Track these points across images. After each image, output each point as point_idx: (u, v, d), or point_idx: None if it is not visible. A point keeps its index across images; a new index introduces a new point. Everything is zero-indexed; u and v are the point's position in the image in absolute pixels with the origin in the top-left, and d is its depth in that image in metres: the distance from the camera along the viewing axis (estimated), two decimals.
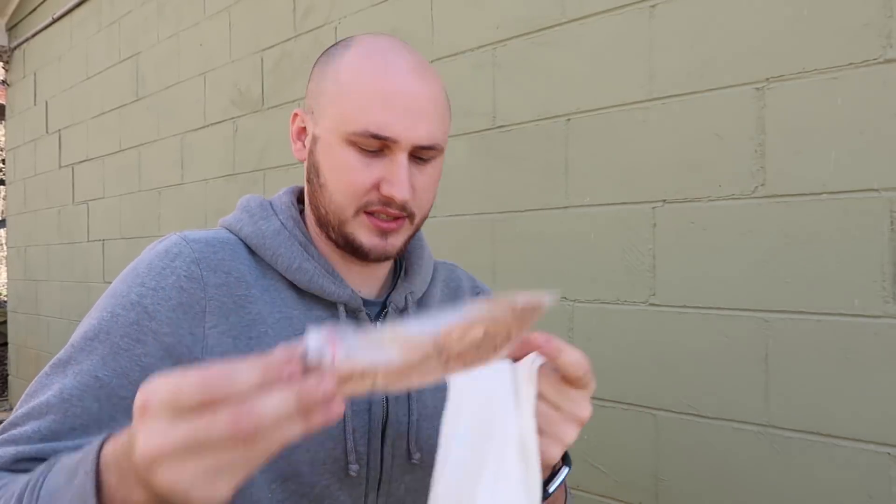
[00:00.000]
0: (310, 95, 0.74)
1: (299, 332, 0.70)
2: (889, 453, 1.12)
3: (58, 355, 0.66)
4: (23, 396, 0.65)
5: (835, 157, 1.18)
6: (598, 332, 1.51)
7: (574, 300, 1.56)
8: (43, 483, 0.51)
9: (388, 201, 0.69)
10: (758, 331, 1.27)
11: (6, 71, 4.62)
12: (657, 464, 1.40)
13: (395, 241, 0.73)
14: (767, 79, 1.25)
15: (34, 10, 4.17)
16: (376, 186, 0.69)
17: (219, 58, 2.69)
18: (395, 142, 0.67)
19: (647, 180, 1.42)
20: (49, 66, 4.05)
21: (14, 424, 0.63)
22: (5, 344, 5.20)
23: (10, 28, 4.49)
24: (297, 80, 2.31)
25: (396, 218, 0.71)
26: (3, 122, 6.08)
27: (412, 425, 0.76)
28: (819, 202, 1.19)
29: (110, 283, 0.72)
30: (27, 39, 4.25)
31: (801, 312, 1.22)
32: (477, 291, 0.92)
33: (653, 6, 1.41)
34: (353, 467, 0.70)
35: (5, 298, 6.23)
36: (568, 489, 0.79)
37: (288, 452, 0.67)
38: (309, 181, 0.74)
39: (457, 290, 0.89)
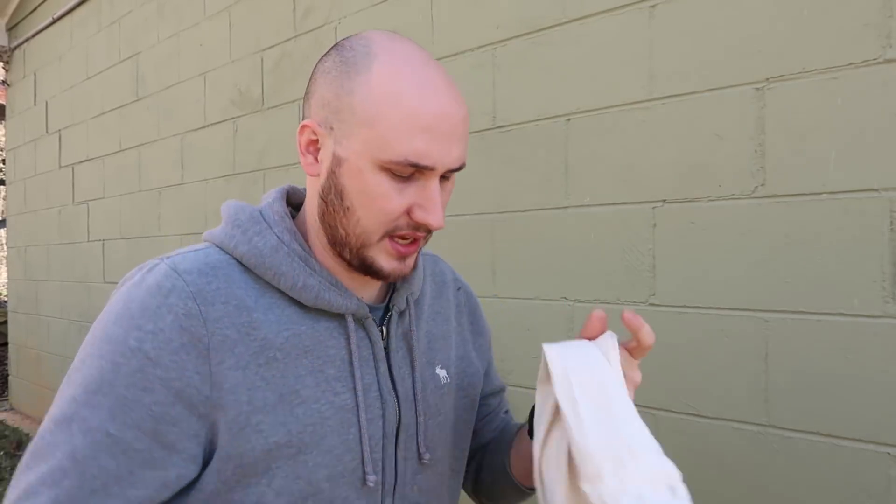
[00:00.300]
0: (326, 107, 0.68)
1: (309, 348, 0.69)
2: (889, 453, 1.12)
3: (59, 409, 0.62)
4: (27, 454, 0.62)
5: (835, 157, 1.18)
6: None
7: (574, 300, 1.56)
8: None
9: (418, 226, 0.67)
10: (758, 331, 1.27)
11: (6, 71, 4.62)
12: None
13: (411, 262, 0.71)
14: (767, 79, 1.25)
15: (34, 10, 4.17)
16: (407, 212, 0.66)
17: (219, 58, 2.70)
18: (431, 169, 0.64)
19: (647, 180, 1.42)
20: (49, 66, 4.05)
21: (29, 494, 0.59)
22: (5, 344, 5.20)
23: (11, 28, 4.50)
24: (297, 80, 2.31)
25: (415, 240, 0.69)
26: (3, 122, 6.09)
27: (420, 426, 0.76)
28: (819, 202, 1.19)
29: (111, 283, 0.71)
30: (27, 39, 4.25)
31: (801, 312, 1.22)
32: (458, 286, 0.92)
33: (653, 6, 1.41)
34: (371, 478, 0.69)
35: (5, 298, 6.23)
36: None
37: (308, 472, 0.66)
38: (326, 200, 0.69)
39: (442, 284, 0.89)
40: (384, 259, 0.68)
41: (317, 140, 0.69)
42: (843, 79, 1.17)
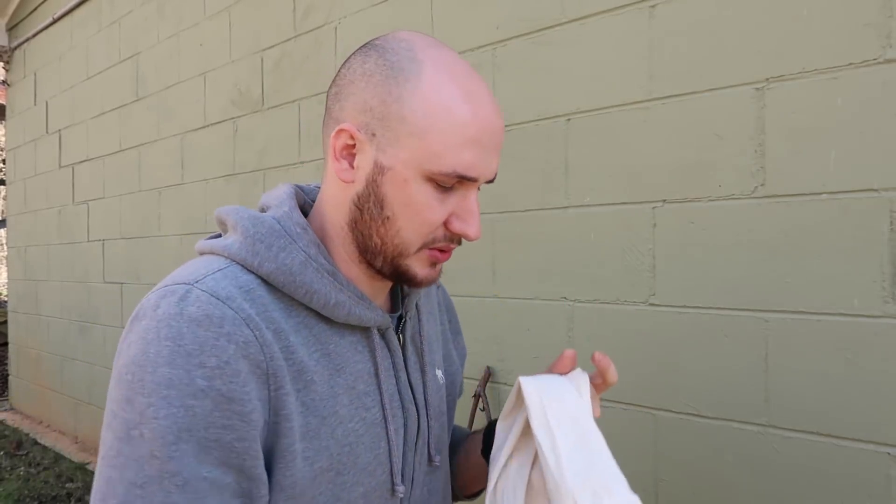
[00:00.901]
0: (368, 112, 0.65)
1: (339, 367, 0.67)
2: (889, 453, 1.12)
3: (136, 470, 0.56)
4: None
5: (835, 157, 1.18)
6: (598, 332, 1.51)
7: (574, 300, 1.56)
8: None
9: (453, 237, 0.67)
10: (758, 331, 1.27)
11: (6, 71, 4.62)
12: (657, 464, 1.40)
13: (440, 268, 0.71)
14: (767, 79, 1.25)
15: (34, 10, 4.17)
16: (444, 222, 0.66)
17: (219, 58, 2.70)
18: (474, 181, 0.65)
19: (647, 180, 1.42)
20: (49, 66, 4.05)
21: None
22: (5, 344, 5.20)
23: (11, 28, 4.50)
24: (297, 80, 2.31)
25: (449, 249, 0.69)
26: (3, 122, 6.08)
27: (432, 430, 0.77)
28: (819, 202, 1.20)
29: (111, 283, 0.70)
30: (27, 39, 4.25)
31: (801, 312, 1.22)
32: (438, 285, 0.92)
33: (653, 6, 1.41)
34: (399, 488, 0.70)
35: (6, 298, 6.23)
36: None
37: (346, 492, 0.66)
38: (361, 209, 0.67)
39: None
40: (419, 267, 0.68)
41: (353, 145, 0.66)
42: (843, 79, 1.17)
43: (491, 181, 0.67)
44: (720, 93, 1.31)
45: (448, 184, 0.64)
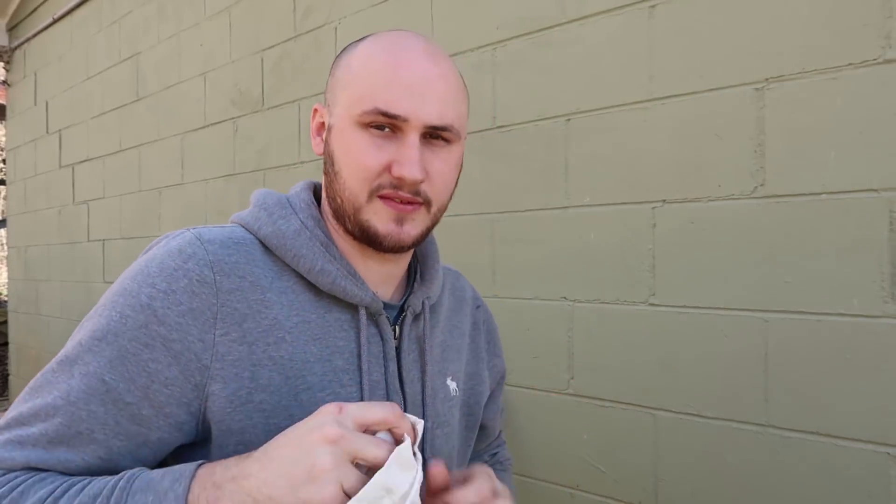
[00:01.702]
0: (327, 90, 0.74)
1: (318, 337, 0.69)
2: (889, 453, 1.12)
3: (65, 350, 0.65)
4: (27, 388, 0.64)
5: (834, 157, 1.18)
6: (598, 332, 1.51)
7: (574, 300, 1.56)
8: (127, 500, 0.56)
9: (399, 183, 0.67)
10: (758, 331, 1.27)
11: (7, 71, 4.62)
12: (657, 464, 1.40)
13: (411, 230, 0.69)
14: (767, 79, 1.25)
15: (35, 10, 4.17)
16: (388, 168, 0.67)
17: (219, 58, 2.70)
18: (404, 120, 0.66)
19: (647, 180, 1.42)
20: (49, 67, 4.06)
21: (20, 423, 0.62)
22: (6, 344, 5.20)
23: (11, 28, 4.50)
24: (297, 80, 2.31)
25: (411, 203, 0.68)
26: (3, 122, 6.08)
27: (428, 432, 0.76)
28: (819, 202, 1.20)
29: (110, 283, 0.71)
30: (28, 39, 4.25)
31: (801, 312, 1.22)
32: (477, 305, 0.91)
33: (653, 6, 1.41)
34: None
35: (6, 298, 6.23)
36: None
37: None
38: (326, 173, 0.72)
39: (462, 300, 0.89)
40: (379, 221, 0.69)
41: (324, 122, 0.73)
42: (843, 79, 1.17)
43: (440, 128, 0.68)
44: (720, 93, 1.31)
45: (380, 123, 0.66)
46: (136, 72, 3.23)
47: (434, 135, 0.68)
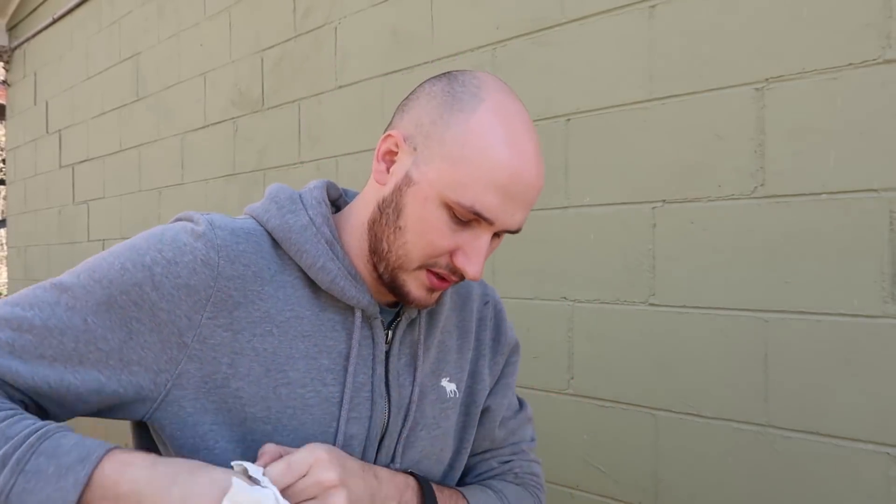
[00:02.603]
0: (418, 127, 0.68)
1: (307, 334, 0.70)
2: (888, 453, 1.12)
3: (61, 277, 0.66)
4: (16, 294, 0.66)
5: (835, 157, 1.18)
6: (598, 332, 1.51)
7: (574, 300, 1.56)
8: (31, 457, 0.56)
9: (455, 270, 0.68)
10: (758, 331, 1.27)
11: (6, 71, 4.62)
12: (657, 464, 1.40)
13: (437, 296, 0.73)
14: (767, 79, 1.25)
15: (34, 10, 4.17)
16: (451, 252, 0.68)
17: (219, 58, 2.70)
18: (490, 223, 0.66)
19: (647, 180, 1.42)
20: (49, 66, 4.05)
21: None
22: None
23: (11, 28, 4.50)
24: (297, 80, 2.31)
25: (448, 280, 0.70)
26: (3, 122, 6.08)
27: (402, 434, 0.76)
28: (819, 202, 1.19)
29: None
30: (28, 39, 4.25)
31: (801, 312, 1.22)
32: (485, 301, 0.89)
33: (653, 6, 1.41)
34: None
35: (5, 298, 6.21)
36: None
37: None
38: (382, 211, 0.70)
39: (467, 297, 0.87)
40: (415, 286, 0.70)
41: (395, 152, 0.70)
42: (843, 79, 1.17)
43: (514, 232, 0.69)
44: (720, 93, 1.31)
45: (464, 217, 0.66)
46: (136, 72, 3.23)
47: (503, 232, 0.69)
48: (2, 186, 8.51)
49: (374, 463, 0.73)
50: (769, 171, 1.25)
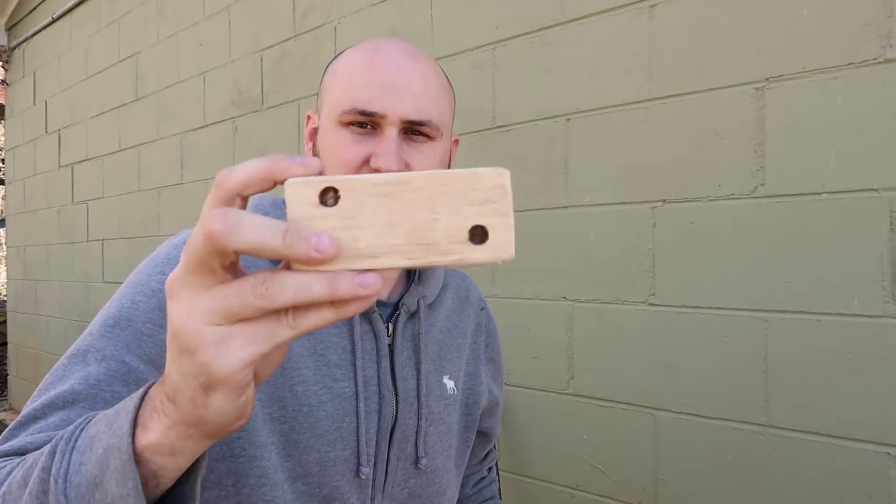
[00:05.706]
0: (318, 97, 0.76)
1: (311, 332, 0.69)
2: (889, 453, 1.12)
3: (75, 346, 0.63)
4: (36, 391, 0.61)
5: (835, 157, 1.18)
6: (598, 332, 1.51)
7: (574, 300, 1.56)
8: (80, 433, 0.46)
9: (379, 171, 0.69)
10: (758, 331, 1.27)
11: (6, 70, 4.62)
12: (657, 464, 1.40)
13: None
14: (767, 79, 1.25)
15: (34, 9, 4.17)
16: (366, 161, 0.68)
17: (219, 58, 2.69)
18: (381, 117, 0.68)
19: (647, 180, 1.42)
20: (49, 66, 4.05)
21: (35, 418, 0.58)
22: (5, 344, 5.20)
23: (10, 28, 4.49)
24: (297, 79, 2.31)
25: None
26: (2, 121, 6.08)
27: (421, 430, 0.76)
28: (819, 202, 1.19)
29: (110, 282, 0.71)
30: (27, 39, 4.25)
31: (801, 312, 1.22)
32: (482, 307, 0.91)
33: (653, 6, 1.41)
34: (365, 470, 0.70)
35: (5, 298, 6.23)
36: None
37: (298, 453, 0.67)
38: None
39: (466, 300, 0.89)
40: None
41: (315, 128, 0.76)
42: (843, 79, 1.17)
43: (418, 123, 0.69)
44: (720, 93, 1.31)
45: (358, 121, 0.69)
46: (136, 71, 3.22)
47: (414, 130, 0.70)
48: (1, 186, 8.51)
49: (389, 457, 0.74)
50: (769, 170, 1.25)
